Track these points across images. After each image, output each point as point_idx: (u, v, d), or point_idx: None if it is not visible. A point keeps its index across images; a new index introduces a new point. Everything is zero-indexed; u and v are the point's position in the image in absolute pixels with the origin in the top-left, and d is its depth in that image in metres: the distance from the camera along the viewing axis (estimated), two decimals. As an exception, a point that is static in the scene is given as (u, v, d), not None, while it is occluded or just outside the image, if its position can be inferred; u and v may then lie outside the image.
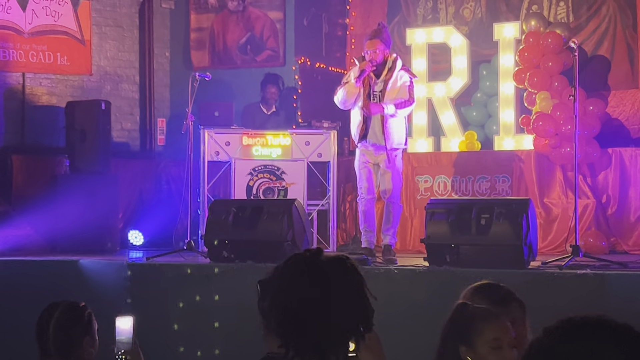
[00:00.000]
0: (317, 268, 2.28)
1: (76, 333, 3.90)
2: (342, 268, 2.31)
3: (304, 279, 2.27)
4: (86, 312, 3.97)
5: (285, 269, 2.31)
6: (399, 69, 7.72)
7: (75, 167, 9.67)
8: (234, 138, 9.34)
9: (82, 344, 3.89)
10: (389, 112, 7.60)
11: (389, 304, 6.67)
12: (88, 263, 8.04)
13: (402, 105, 7.64)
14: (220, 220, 7.75)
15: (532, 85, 8.97)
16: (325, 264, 2.30)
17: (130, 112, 11.12)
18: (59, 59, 10.44)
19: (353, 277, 2.31)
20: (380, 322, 2.44)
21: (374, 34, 7.70)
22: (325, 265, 2.29)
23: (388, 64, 7.70)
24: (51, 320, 3.91)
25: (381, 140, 7.65)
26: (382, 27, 7.79)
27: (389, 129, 7.63)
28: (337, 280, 2.27)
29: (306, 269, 2.29)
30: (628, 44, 9.42)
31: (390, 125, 7.65)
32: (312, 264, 2.29)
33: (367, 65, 7.62)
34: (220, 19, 11.24)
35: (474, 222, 6.94)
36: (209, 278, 7.45)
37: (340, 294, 2.26)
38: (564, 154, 8.58)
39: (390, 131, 7.65)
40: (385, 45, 7.68)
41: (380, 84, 7.67)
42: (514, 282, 6.57)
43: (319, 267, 2.29)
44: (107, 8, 10.91)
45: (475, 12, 10.23)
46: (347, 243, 9.53)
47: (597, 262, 6.98)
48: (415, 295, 6.85)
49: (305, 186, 9.29)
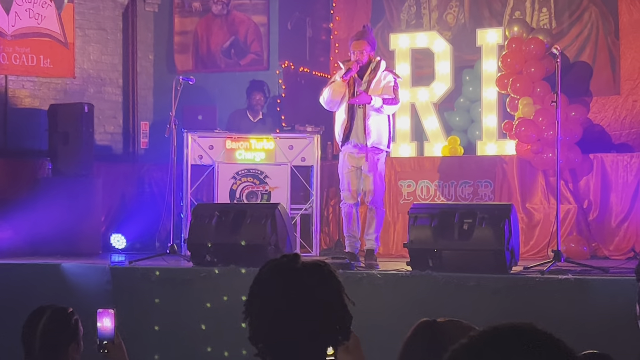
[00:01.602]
0: (294, 274, 2.24)
1: (63, 339, 3.87)
2: (319, 274, 2.26)
3: (280, 285, 2.23)
4: (73, 318, 3.95)
5: (261, 275, 2.27)
6: (383, 70, 7.74)
7: (57, 170, 9.64)
8: (218, 142, 9.34)
9: (68, 350, 3.87)
10: (376, 105, 7.55)
11: (372, 308, 6.68)
12: (70, 266, 8.01)
13: (389, 102, 7.62)
14: (204, 224, 7.74)
15: (514, 90, 9.01)
16: (302, 270, 2.26)
17: (113, 116, 11.09)
18: (42, 61, 10.40)
19: (331, 283, 2.27)
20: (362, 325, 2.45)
21: (360, 35, 7.73)
22: (302, 272, 2.25)
23: (372, 65, 7.73)
24: (39, 324, 3.89)
25: (363, 138, 7.64)
26: (368, 29, 7.83)
27: (369, 126, 7.59)
28: (314, 287, 2.23)
29: (282, 275, 2.25)
30: (610, 51, 9.48)
31: (371, 123, 7.61)
32: (288, 270, 2.25)
33: (354, 64, 7.63)
34: (204, 23, 11.24)
35: (456, 227, 6.97)
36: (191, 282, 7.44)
37: (317, 301, 2.22)
38: (546, 160, 8.62)
39: (372, 129, 7.61)
40: (371, 47, 7.71)
41: (364, 84, 7.68)
42: (496, 287, 6.64)
43: (295, 273, 2.25)
44: (91, 11, 10.89)
45: (458, 18, 10.27)
46: (330, 247, 9.53)
47: (578, 267, 7.02)
48: (397, 299, 6.87)
49: (288, 190, 9.30)
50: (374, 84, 7.65)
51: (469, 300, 6.60)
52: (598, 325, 6.22)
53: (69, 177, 9.54)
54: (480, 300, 6.53)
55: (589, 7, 9.63)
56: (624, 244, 8.50)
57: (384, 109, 7.62)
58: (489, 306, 6.42)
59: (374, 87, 7.64)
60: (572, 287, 6.40)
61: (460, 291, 6.67)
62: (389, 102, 7.62)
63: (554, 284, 6.47)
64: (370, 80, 7.67)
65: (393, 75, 7.79)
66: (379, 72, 7.70)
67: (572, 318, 6.33)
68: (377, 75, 7.68)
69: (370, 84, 7.66)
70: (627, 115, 9.27)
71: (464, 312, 5.92)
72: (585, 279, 6.49)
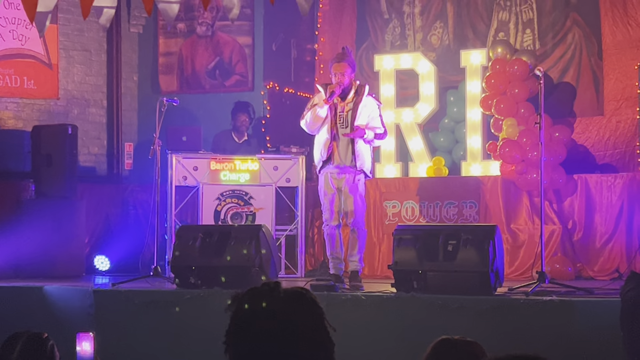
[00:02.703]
0: (274, 302, 2.23)
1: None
2: (300, 302, 2.26)
3: (262, 314, 2.21)
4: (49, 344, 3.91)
5: (242, 304, 2.26)
6: (367, 94, 7.77)
7: (40, 192, 9.59)
8: (202, 163, 9.32)
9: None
10: (368, 138, 7.69)
11: (357, 329, 6.66)
12: (53, 289, 7.95)
13: (380, 136, 7.79)
14: (188, 246, 7.70)
15: (498, 111, 9.04)
16: (282, 298, 2.25)
17: (97, 137, 11.05)
18: (25, 82, 10.37)
19: (312, 311, 2.26)
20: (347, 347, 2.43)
21: (341, 58, 7.75)
22: (283, 300, 2.24)
23: (354, 87, 7.75)
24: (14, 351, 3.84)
25: (347, 161, 7.68)
26: (347, 51, 7.85)
27: (358, 150, 7.67)
28: (294, 315, 2.22)
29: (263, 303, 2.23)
30: (593, 72, 9.53)
31: (359, 147, 7.69)
32: (269, 298, 2.24)
33: (336, 87, 7.66)
34: (189, 44, 11.24)
35: (441, 249, 6.95)
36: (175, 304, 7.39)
37: (298, 329, 2.21)
38: (530, 180, 8.64)
39: (360, 152, 7.69)
40: (351, 69, 7.75)
41: (349, 104, 7.70)
42: (480, 309, 6.62)
43: (277, 301, 2.23)
44: (75, 32, 10.87)
45: (442, 39, 10.31)
46: (315, 268, 9.51)
47: (563, 288, 7.01)
48: (382, 321, 6.84)
49: (273, 211, 9.28)
50: (360, 108, 7.69)
51: (453, 322, 6.57)
52: (583, 347, 6.21)
53: (53, 198, 9.49)
54: (465, 322, 6.51)
55: (572, 28, 9.68)
56: (609, 265, 8.51)
57: (374, 142, 7.80)
58: (473, 328, 6.38)
59: (360, 112, 7.69)
60: (557, 309, 6.39)
61: (445, 313, 6.65)
62: (380, 137, 7.79)
63: (539, 305, 6.45)
64: (357, 104, 7.70)
65: (377, 102, 7.87)
66: (363, 96, 7.73)
67: (557, 339, 6.32)
68: (363, 100, 7.72)
69: (357, 107, 7.69)
70: (611, 135, 9.30)
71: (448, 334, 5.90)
72: (570, 300, 6.47)
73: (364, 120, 7.71)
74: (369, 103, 7.77)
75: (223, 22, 11.04)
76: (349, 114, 7.70)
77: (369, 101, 7.78)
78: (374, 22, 10.69)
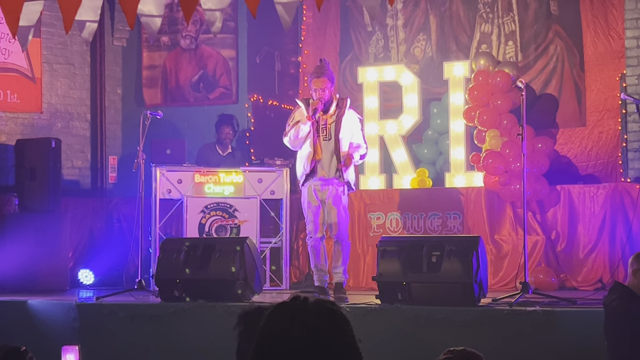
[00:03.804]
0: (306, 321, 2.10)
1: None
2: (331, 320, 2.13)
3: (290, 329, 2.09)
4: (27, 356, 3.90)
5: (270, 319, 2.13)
6: (349, 107, 7.84)
7: (24, 206, 9.56)
8: (186, 176, 9.32)
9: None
10: (356, 161, 7.88)
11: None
12: (37, 303, 7.92)
13: (363, 157, 7.97)
14: (172, 259, 7.70)
15: (481, 123, 9.08)
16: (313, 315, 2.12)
17: (81, 150, 11.03)
18: (9, 96, 10.35)
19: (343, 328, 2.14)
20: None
21: (321, 72, 7.81)
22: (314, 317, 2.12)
23: (335, 100, 7.82)
24: None
25: (331, 173, 7.73)
26: (326, 64, 7.93)
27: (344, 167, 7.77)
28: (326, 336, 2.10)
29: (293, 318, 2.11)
30: (575, 83, 9.60)
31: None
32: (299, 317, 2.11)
33: (319, 104, 7.72)
34: (173, 57, 11.24)
35: (425, 260, 6.98)
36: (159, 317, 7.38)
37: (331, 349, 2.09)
38: (513, 191, 8.68)
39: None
40: (332, 83, 7.86)
41: (332, 117, 7.76)
42: (464, 320, 6.64)
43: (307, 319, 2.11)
44: (58, 46, 10.85)
45: (425, 51, 10.36)
46: (300, 280, 9.51)
47: (546, 298, 7.04)
48: (367, 333, 6.84)
49: (257, 223, 9.28)
50: (343, 121, 7.76)
51: (438, 333, 6.59)
52: (566, 357, 6.24)
53: (36, 212, 9.46)
54: (450, 333, 6.53)
55: (554, 40, 9.75)
56: (592, 275, 8.54)
57: (358, 162, 8.03)
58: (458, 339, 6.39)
59: (343, 125, 7.76)
60: (540, 319, 6.42)
61: (429, 324, 6.67)
62: (363, 157, 8.00)
63: (522, 315, 6.48)
64: (340, 117, 7.76)
65: (358, 117, 8.00)
66: (346, 109, 7.79)
67: (540, 349, 6.35)
68: (346, 113, 7.78)
69: (339, 120, 7.75)
70: (593, 146, 9.36)
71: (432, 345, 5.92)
72: (553, 311, 6.51)
73: (347, 134, 7.77)
74: (351, 117, 7.85)
75: (207, 35, 11.06)
76: (332, 127, 7.75)
77: (351, 115, 7.85)
78: (357, 35, 10.73)
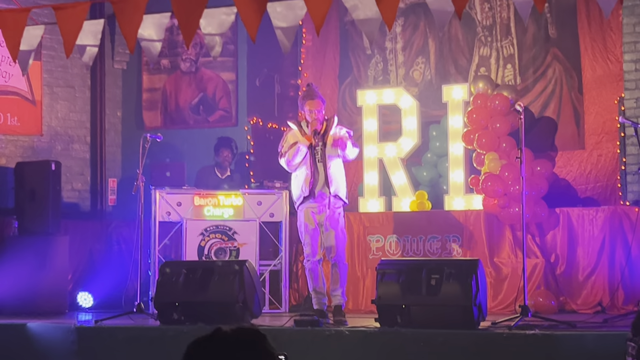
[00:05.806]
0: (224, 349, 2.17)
1: None
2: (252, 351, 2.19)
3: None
4: None
5: (190, 352, 2.21)
6: (336, 125, 7.91)
7: (24, 229, 9.56)
8: (186, 198, 9.32)
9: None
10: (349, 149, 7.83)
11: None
12: (36, 326, 7.91)
13: (354, 144, 7.92)
14: (171, 282, 7.69)
15: (480, 146, 9.10)
16: (232, 344, 2.19)
17: (80, 173, 11.05)
18: (9, 119, 10.38)
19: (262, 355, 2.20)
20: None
21: (314, 94, 7.91)
22: (232, 346, 2.18)
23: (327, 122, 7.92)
24: None
25: (326, 190, 7.74)
26: (315, 87, 8.07)
27: (331, 175, 7.81)
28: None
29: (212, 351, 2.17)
30: (574, 106, 9.63)
31: (332, 172, 7.82)
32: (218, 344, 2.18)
33: (318, 125, 7.83)
34: (173, 80, 11.28)
35: (424, 283, 6.97)
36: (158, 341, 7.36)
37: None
38: (512, 214, 8.68)
39: (333, 177, 7.81)
40: (324, 104, 8.00)
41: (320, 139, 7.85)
42: (464, 343, 6.63)
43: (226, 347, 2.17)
44: (59, 69, 10.90)
45: (424, 74, 10.40)
46: (299, 303, 9.49)
47: (545, 322, 7.03)
48: (366, 356, 6.84)
49: (257, 246, 9.28)
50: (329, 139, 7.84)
51: (437, 356, 6.59)
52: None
53: (36, 235, 9.46)
54: (449, 356, 6.52)
55: (552, 63, 9.79)
56: (591, 298, 8.54)
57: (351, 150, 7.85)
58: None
59: (329, 143, 7.85)
60: (539, 342, 6.41)
61: (429, 347, 6.66)
62: (354, 144, 7.92)
63: (521, 339, 6.47)
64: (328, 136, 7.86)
65: (346, 129, 8.06)
66: (333, 127, 7.87)
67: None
68: (333, 130, 7.86)
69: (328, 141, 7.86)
70: (592, 169, 9.38)
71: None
72: (553, 334, 6.50)
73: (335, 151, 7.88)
74: (339, 131, 7.94)
75: (207, 58, 11.11)
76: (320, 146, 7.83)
77: (338, 130, 7.93)
78: (356, 58, 10.78)
